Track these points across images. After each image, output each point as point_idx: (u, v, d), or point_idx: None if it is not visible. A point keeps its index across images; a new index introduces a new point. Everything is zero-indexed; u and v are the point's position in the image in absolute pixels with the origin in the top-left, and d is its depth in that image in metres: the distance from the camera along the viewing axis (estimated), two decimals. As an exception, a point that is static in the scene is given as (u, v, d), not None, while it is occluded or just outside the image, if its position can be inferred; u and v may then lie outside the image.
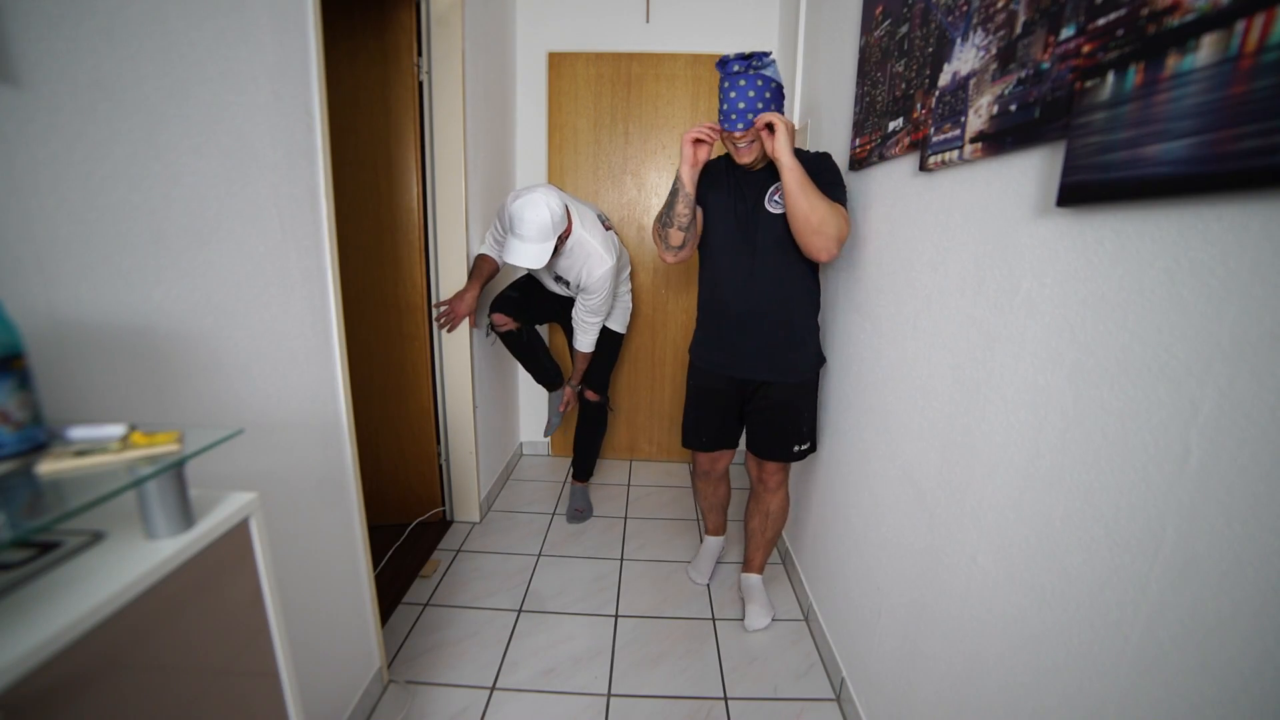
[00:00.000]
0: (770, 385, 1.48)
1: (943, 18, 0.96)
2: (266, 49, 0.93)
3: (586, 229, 1.77)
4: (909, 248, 1.11)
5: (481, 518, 2.19)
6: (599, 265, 1.76)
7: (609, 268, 1.77)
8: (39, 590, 0.44)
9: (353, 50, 1.77)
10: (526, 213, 1.59)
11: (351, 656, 1.25)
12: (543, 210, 1.59)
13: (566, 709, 1.33)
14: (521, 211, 1.60)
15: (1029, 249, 0.76)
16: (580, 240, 1.76)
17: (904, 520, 1.09)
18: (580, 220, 1.77)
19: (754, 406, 1.53)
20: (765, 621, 1.63)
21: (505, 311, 1.95)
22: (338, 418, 1.18)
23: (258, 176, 0.91)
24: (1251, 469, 0.48)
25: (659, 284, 2.58)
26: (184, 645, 0.52)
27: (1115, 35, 0.58)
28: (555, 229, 1.63)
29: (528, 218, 1.59)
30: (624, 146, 2.47)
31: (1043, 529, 0.72)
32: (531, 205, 1.59)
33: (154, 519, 0.52)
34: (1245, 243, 0.48)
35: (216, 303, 0.83)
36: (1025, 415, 0.76)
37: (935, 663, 0.96)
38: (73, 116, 0.62)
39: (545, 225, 1.60)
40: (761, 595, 1.68)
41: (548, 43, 2.42)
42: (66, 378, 0.62)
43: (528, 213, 1.59)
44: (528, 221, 1.59)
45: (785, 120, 1.25)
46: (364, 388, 1.89)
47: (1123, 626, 0.60)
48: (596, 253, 1.76)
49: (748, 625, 1.63)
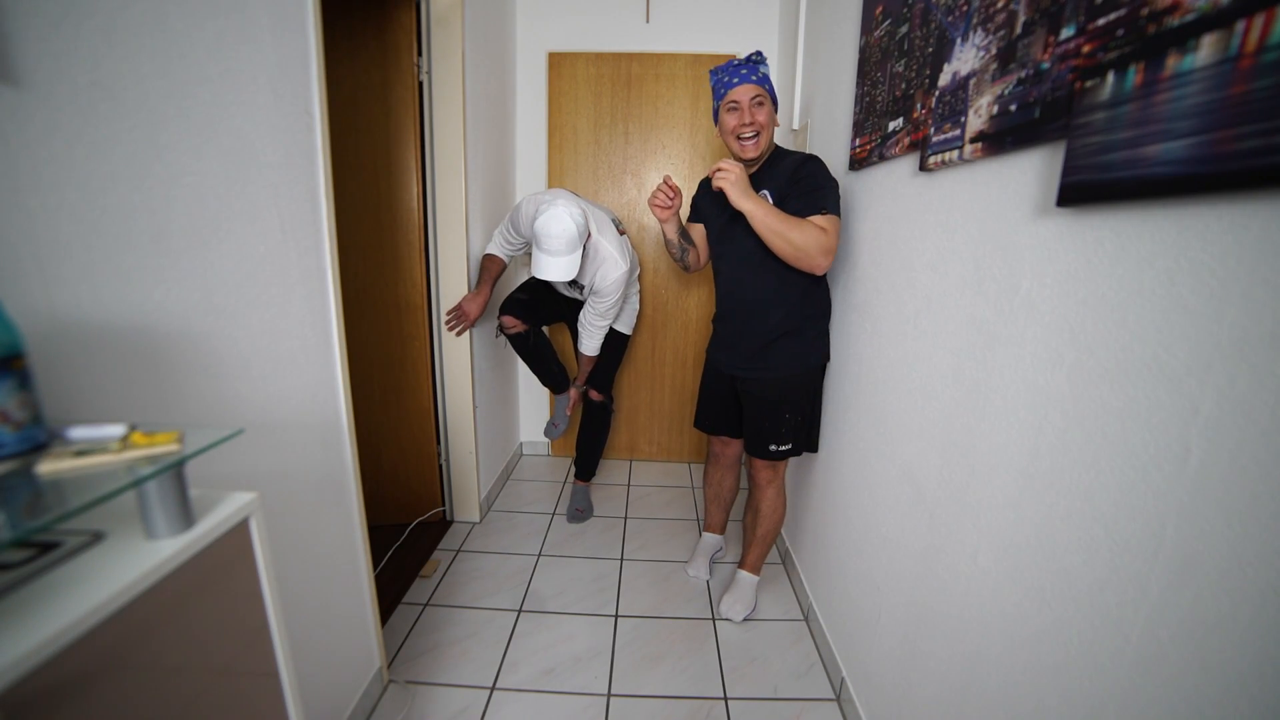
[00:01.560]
0: (750, 381, 1.53)
1: (943, 18, 0.96)
2: (266, 49, 0.93)
3: (603, 234, 1.78)
4: (909, 248, 1.11)
5: (481, 518, 2.19)
6: (614, 269, 1.77)
7: (623, 272, 1.78)
8: (39, 590, 0.44)
9: (353, 50, 1.77)
10: (553, 227, 1.59)
11: (351, 656, 1.25)
12: (568, 223, 1.60)
13: (566, 709, 1.33)
14: (548, 227, 1.59)
15: (1029, 249, 0.76)
16: (596, 245, 1.76)
17: (904, 520, 1.09)
18: (597, 226, 1.78)
19: (744, 403, 1.59)
20: (736, 614, 1.64)
21: (514, 314, 1.95)
22: (338, 418, 1.18)
23: (258, 176, 0.91)
24: (1251, 469, 0.48)
25: (659, 285, 2.58)
26: (184, 645, 0.52)
27: (1115, 35, 0.58)
28: (580, 238, 1.64)
29: (554, 232, 1.59)
30: (624, 146, 2.47)
31: (1043, 529, 0.72)
32: (556, 220, 1.59)
33: (154, 519, 0.52)
34: (1245, 243, 0.48)
35: (216, 303, 0.83)
36: (1025, 415, 0.76)
37: (935, 663, 0.96)
38: (73, 116, 0.62)
39: (572, 237, 1.61)
40: (743, 591, 1.69)
41: (548, 43, 2.42)
42: (66, 378, 0.62)
43: (554, 227, 1.59)
44: (554, 236, 1.60)
45: (731, 165, 1.27)
46: (364, 388, 1.90)
47: (1123, 626, 0.60)
48: (612, 257, 1.77)
49: (720, 611, 1.68)
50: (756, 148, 1.36)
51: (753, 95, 1.35)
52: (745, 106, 1.35)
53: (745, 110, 1.35)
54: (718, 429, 1.73)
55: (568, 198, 1.70)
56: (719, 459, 1.82)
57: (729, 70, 1.35)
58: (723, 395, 1.65)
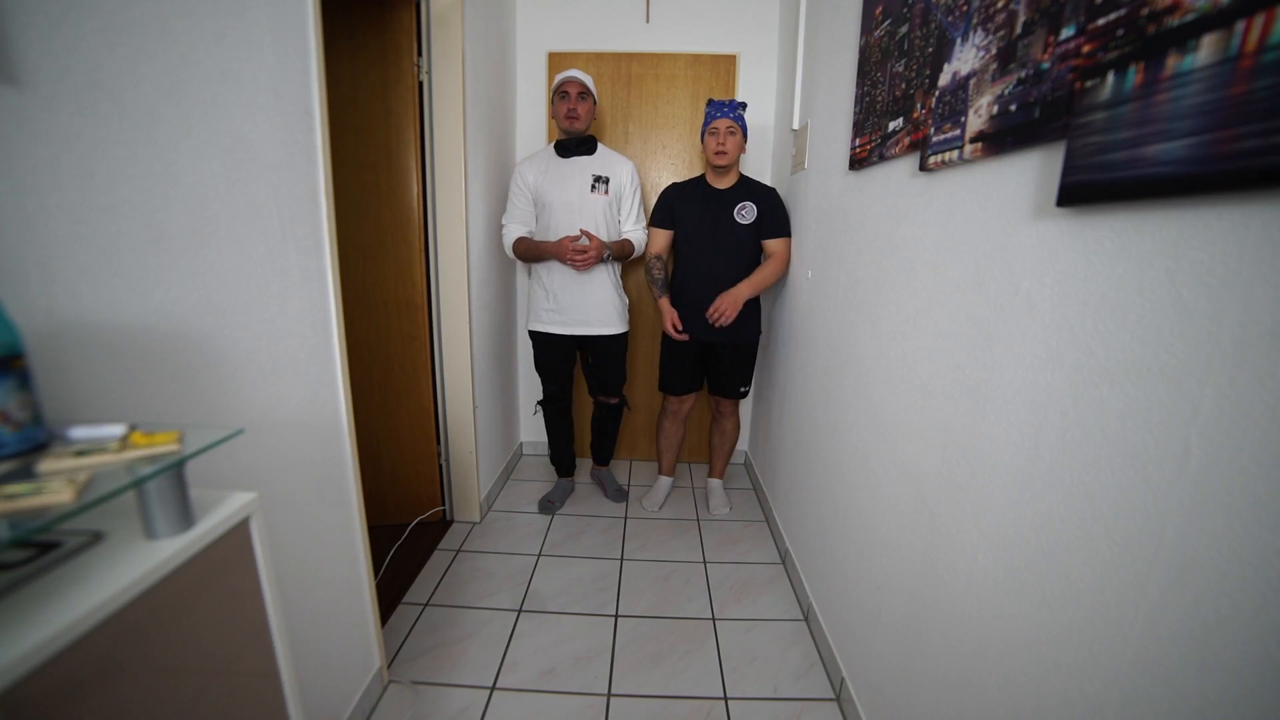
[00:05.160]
0: (724, 346, 2.08)
1: (943, 18, 0.96)
2: (266, 49, 0.93)
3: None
4: (909, 248, 1.11)
5: (481, 518, 2.19)
6: (623, 163, 2.10)
7: (632, 166, 2.12)
8: (39, 590, 0.44)
9: (353, 50, 1.77)
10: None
11: (351, 656, 1.25)
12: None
13: (566, 709, 1.33)
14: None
15: (1029, 249, 0.76)
16: (607, 151, 2.11)
17: (904, 520, 1.09)
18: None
19: (714, 360, 2.14)
20: (725, 511, 2.29)
21: (552, 401, 2.26)
22: (338, 417, 1.18)
23: (258, 176, 0.91)
24: (1251, 469, 0.48)
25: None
26: (184, 645, 0.52)
27: (1115, 35, 0.58)
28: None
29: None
30: (624, 147, 2.47)
31: (1043, 529, 0.72)
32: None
33: (154, 519, 0.52)
34: (1245, 243, 0.48)
35: (216, 303, 0.83)
36: (1025, 415, 0.76)
37: (935, 663, 0.96)
38: (72, 116, 0.62)
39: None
40: (721, 493, 2.35)
41: (548, 43, 2.42)
42: (66, 378, 0.62)
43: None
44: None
45: (724, 307, 1.91)
46: (364, 388, 1.90)
47: (1123, 626, 0.60)
48: (620, 157, 2.12)
49: (712, 512, 2.29)
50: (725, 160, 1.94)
51: (727, 126, 1.91)
52: (721, 133, 1.91)
53: (721, 135, 1.92)
54: (683, 390, 2.19)
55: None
56: (676, 415, 2.27)
57: (716, 106, 1.92)
58: (690, 361, 2.13)
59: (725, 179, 2.00)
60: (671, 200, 2.05)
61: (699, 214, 2.00)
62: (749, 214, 1.95)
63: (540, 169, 2.04)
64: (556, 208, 2.01)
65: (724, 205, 1.97)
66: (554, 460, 2.39)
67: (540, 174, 2.03)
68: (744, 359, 2.12)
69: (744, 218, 1.96)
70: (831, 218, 1.60)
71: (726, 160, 1.92)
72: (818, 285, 1.70)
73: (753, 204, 1.96)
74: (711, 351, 2.12)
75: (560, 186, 2.01)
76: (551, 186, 2.01)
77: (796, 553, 1.83)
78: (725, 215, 1.97)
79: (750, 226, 1.96)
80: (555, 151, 2.05)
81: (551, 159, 2.05)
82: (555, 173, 2.02)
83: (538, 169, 2.04)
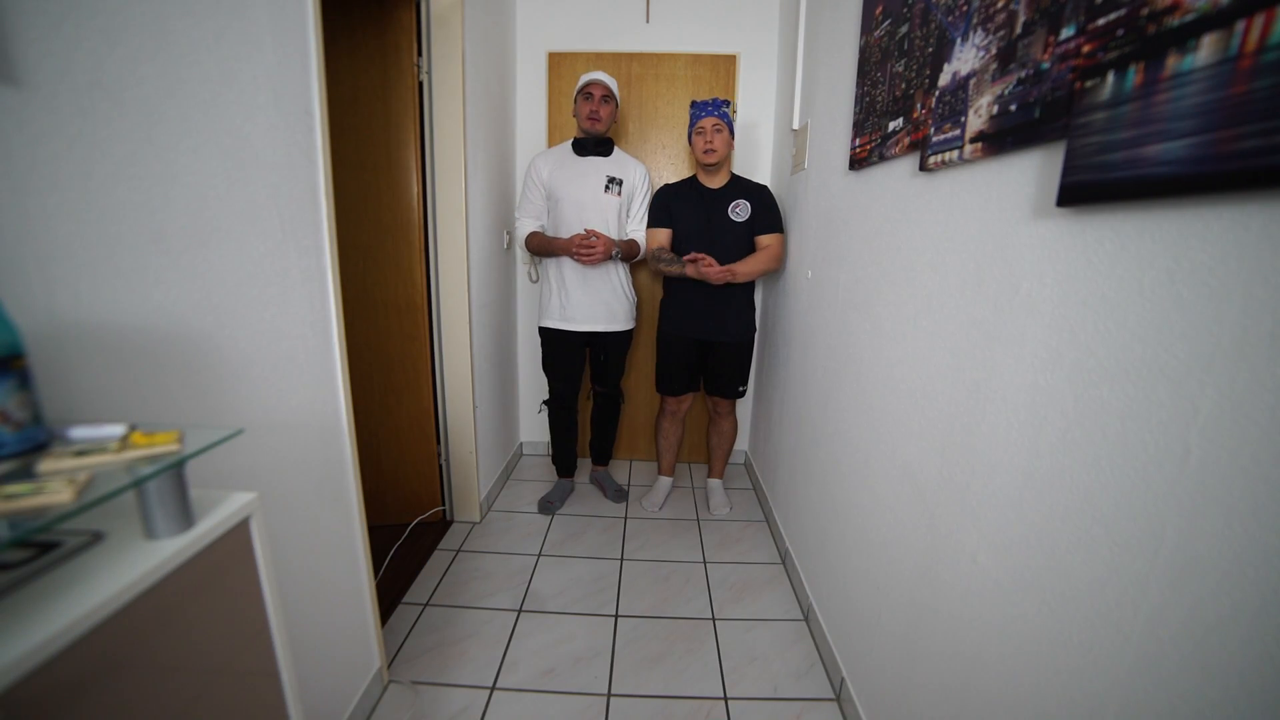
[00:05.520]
0: (720, 344, 2.09)
1: (943, 18, 0.96)
2: (266, 49, 0.93)
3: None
4: (909, 248, 1.11)
5: (481, 518, 2.19)
6: (637, 166, 2.15)
7: (645, 169, 2.17)
8: (39, 590, 0.44)
9: (352, 50, 1.77)
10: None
11: (351, 656, 1.25)
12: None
13: (566, 709, 1.33)
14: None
15: (1029, 249, 0.76)
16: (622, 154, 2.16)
17: (904, 520, 1.09)
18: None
19: (711, 360, 2.14)
20: (725, 511, 2.28)
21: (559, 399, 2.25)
22: (338, 417, 1.18)
23: (258, 176, 0.91)
24: (1251, 469, 0.48)
25: (657, 290, 2.57)
26: (184, 645, 0.52)
27: (1115, 35, 0.58)
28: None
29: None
30: (624, 147, 2.47)
31: (1043, 529, 0.72)
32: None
33: (154, 519, 0.52)
34: (1245, 243, 0.48)
35: (216, 303, 0.83)
36: (1025, 415, 0.76)
37: (935, 663, 0.96)
38: (72, 116, 0.62)
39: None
40: (721, 493, 2.34)
41: (548, 43, 2.42)
42: (66, 378, 0.62)
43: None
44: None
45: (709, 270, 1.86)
46: (364, 388, 1.90)
47: (1123, 626, 0.60)
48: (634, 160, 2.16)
49: (712, 512, 2.28)
50: (714, 158, 1.94)
51: (713, 124, 1.92)
52: (709, 132, 1.92)
53: (708, 134, 1.92)
54: (680, 390, 2.19)
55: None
56: (674, 415, 2.28)
57: (700, 106, 1.94)
58: (687, 361, 2.13)
59: (717, 178, 2.01)
60: (667, 200, 2.06)
61: (694, 214, 2.01)
62: (743, 211, 1.97)
63: (555, 164, 2.07)
64: (567, 204, 2.04)
65: (718, 204, 1.99)
66: (555, 460, 2.40)
67: (555, 168, 2.06)
68: (740, 358, 2.13)
69: (738, 215, 1.98)
70: (831, 218, 1.60)
71: (716, 158, 1.93)
72: (818, 285, 1.70)
73: (746, 201, 1.98)
74: (708, 351, 2.12)
75: (573, 183, 2.04)
76: (564, 182, 2.04)
77: (796, 553, 1.83)
78: (719, 214, 1.99)
79: (745, 224, 1.98)
80: (572, 149, 2.08)
81: (567, 155, 2.08)
82: (570, 169, 2.05)
83: (552, 163, 2.07)
